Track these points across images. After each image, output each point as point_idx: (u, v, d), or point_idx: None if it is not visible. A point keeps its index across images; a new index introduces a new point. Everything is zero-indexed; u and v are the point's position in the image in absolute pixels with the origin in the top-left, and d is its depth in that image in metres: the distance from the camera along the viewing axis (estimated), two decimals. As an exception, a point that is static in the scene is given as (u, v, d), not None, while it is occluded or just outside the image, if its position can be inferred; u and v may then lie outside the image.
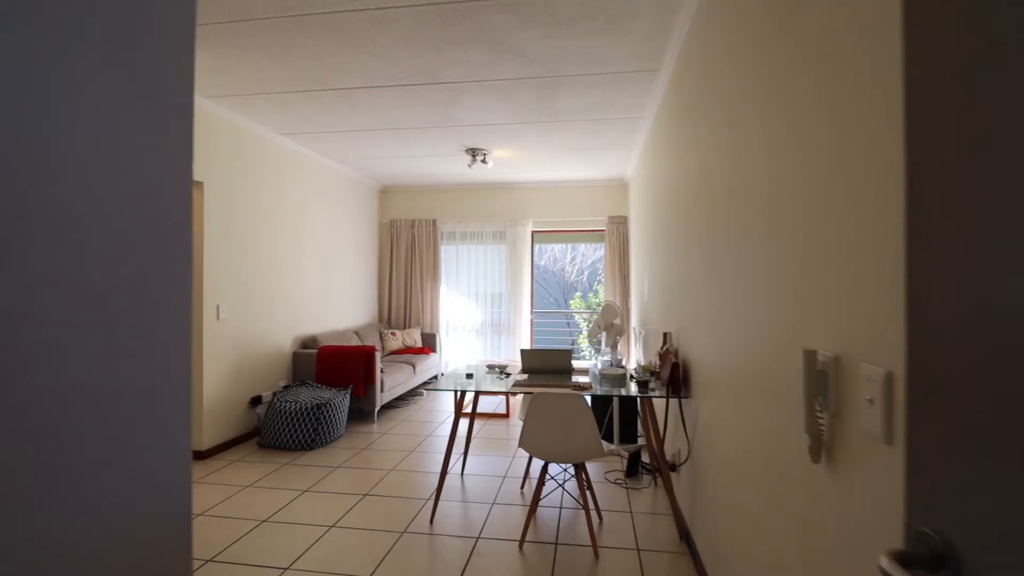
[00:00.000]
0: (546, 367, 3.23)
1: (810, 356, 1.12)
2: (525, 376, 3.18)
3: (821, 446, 1.12)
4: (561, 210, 6.70)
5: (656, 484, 3.36)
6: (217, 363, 4.04)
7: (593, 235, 6.86)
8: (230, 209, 4.17)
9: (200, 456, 3.90)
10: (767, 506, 1.47)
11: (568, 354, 3.24)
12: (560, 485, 3.30)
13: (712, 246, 2.07)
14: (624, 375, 3.03)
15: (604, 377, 3.00)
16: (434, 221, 6.90)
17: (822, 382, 1.10)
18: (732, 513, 1.83)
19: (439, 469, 3.66)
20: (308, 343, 5.12)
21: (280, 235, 4.84)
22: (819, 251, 1.13)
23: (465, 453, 3.66)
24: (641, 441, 4.12)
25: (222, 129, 4.06)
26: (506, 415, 5.11)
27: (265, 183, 4.62)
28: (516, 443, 4.25)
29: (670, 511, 2.92)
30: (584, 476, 2.62)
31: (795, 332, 1.27)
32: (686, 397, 2.61)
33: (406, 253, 6.96)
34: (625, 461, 3.77)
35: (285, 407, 4.15)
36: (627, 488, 3.32)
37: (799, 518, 1.24)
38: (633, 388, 2.84)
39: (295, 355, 5.00)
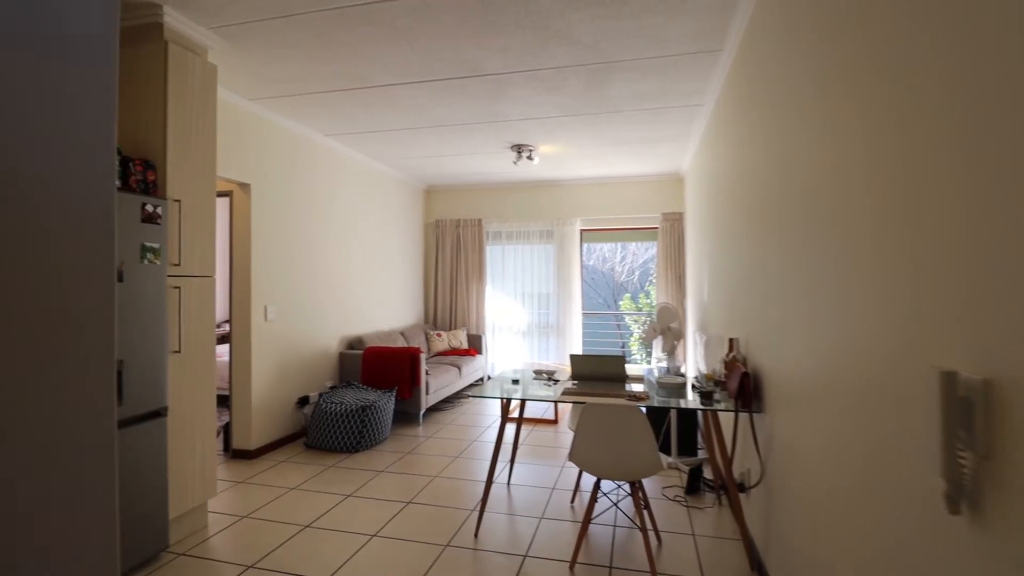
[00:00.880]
0: (597, 374, 3.01)
1: (949, 379, 0.87)
2: (574, 383, 2.97)
3: (962, 494, 0.88)
4: (611, 207, 6.43)
5: (721, 504, 3.07)
6: (265, 363, 4.05)
7: (645, 233, 6.55)
8: (278, 210, 4.18)
9: (248, 456, 3.92)
10: (874, 554, 1.22)
11: (621, 361, 3.01)
12: (614, 504, 3.07)
13: (795, 244, 1.80)
14: (684, 384, 2.77)
15: (662, 386, 2.76)
16: (479, 221, 6.78)
17: (965, 413, 0.85)
18: (822, 552, 1.57)
19: (484, 477, 3.52)
20: (354, 344, 5.11)
21: (326, 236, 4.84)
22: (958, 245, 0.88)
23: (511, 461, 3.49)
24: (702, 454, 3.83)
25: (268, 131, 4.08)
26: (554, 421, 4.91)
27: (312, 185, 4.62)
28: (565, 452, 4.05)
29: (738, 536, 2.64)
30: (641, 494, 2.39)
31: (916, 345, 1.01)
32: (758, 412, 2.33)
33: (451, 253, 6.88)
34: (685, 476, 3.49)
35: (331, 408, 4.12)
36: (688, 506, 3.05)
37: (926, 579, 0.99)
38: (693, 398, 2.58)
39: (341, 356, 4.99)
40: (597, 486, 2.43)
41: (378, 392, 4.53)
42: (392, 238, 6.14)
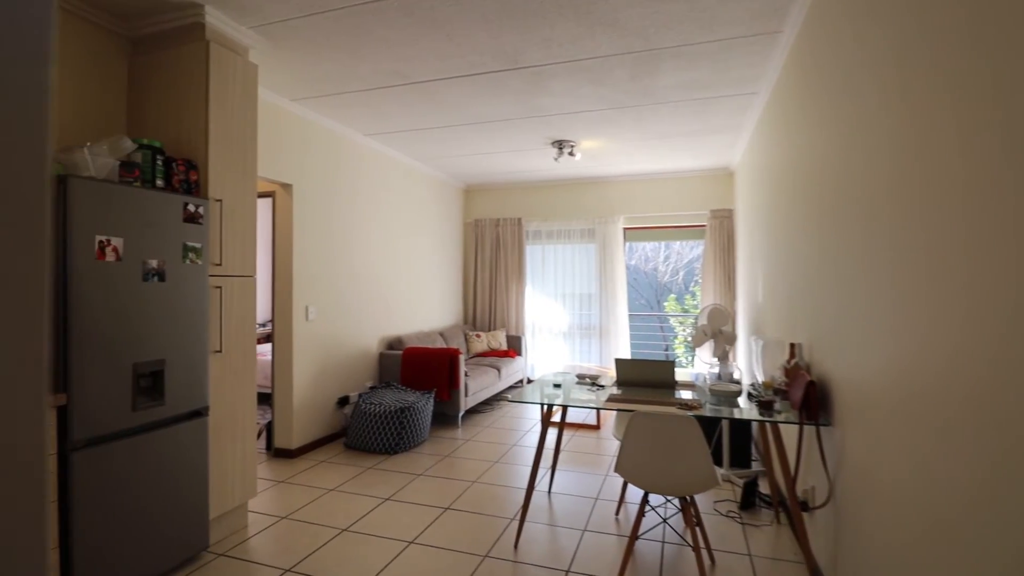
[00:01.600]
0: (645, 380, 2.84)
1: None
2: (619, 389, 2.81)
3: None
4: (656, 204, 6.19)
5: (779, 522, 2.85)
6: (306, 363, 4.07)
7: (692, 231, 6.27)
8: (319, 210, 4.20)
9: (290, 455, 3.94)
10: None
11: (671, 367, 2.83)
12: (663, 520, 2.89)
13: (877, 239, 1.60)
14: (739, 392, 2.57)
15: (715, 394, 2.56)
16: (519, 220, 6.68)
17: None
18: (910, 591, 1.37)
19: (524, 484, 3.40)
20: (394, 344, 5.09)
21: (367, 237, 4.84)
22: None
23: (553, 468, 3.36)
24: (756, 466, 3.59)
25: (309, 132, 4.09)
26: (596, 427, 4.74)
27: (352, 185, 4.63)
28: (608, 459, 3.88)
29: (801, 559, 2.42)
30: (693, 511, 2.21)
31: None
32: (825, 424, 2.12)
33: (491, 253, 6.80)
34: (738, 490, 3.27)
35: (370, 409, 4.10)
36: (742, 523, 2.84)
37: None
38: (750, 408, 2.38)
39: (381, 356, 4.98)
40: (645, 500, 2.27)
41: (417, 393, 4.49)
42: (431, 238, 6.11)
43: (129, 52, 2.73)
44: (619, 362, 2.90)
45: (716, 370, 3.25)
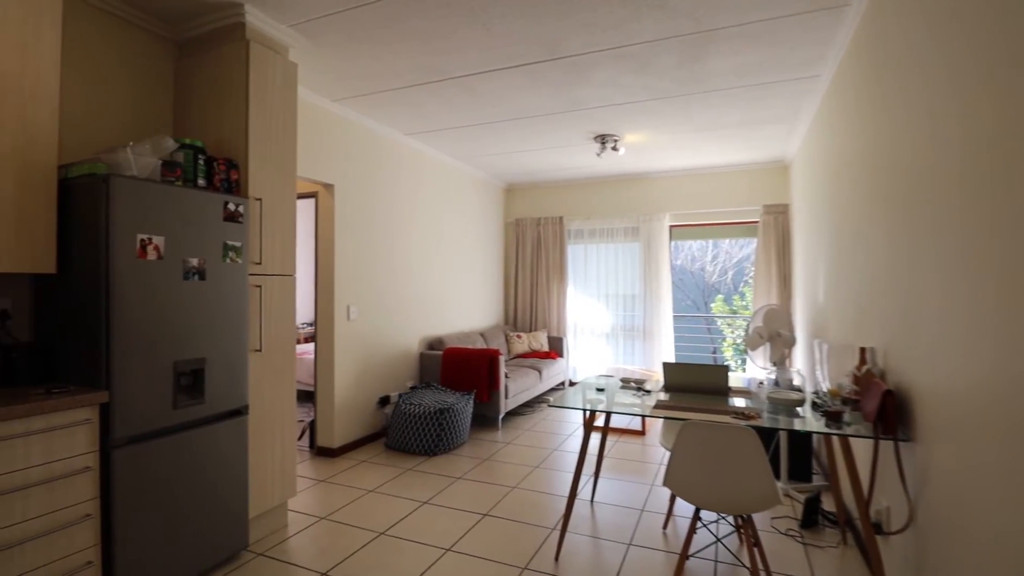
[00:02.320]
0: (695, 385, 2.65)
1: None
2: (667, 395, 2.64)
3: None
4: (704, 201, 5.91)
5: (846, 543, 2.60)
6: (348, 362, 4.07)
7: (742, 228, 5.96)
8: (360, 211, 4.20)
9: (331, 454, 3.95)
10: None
11: (724, 372, 2.63)
12: (717, 539, 2.69)
13: (978, 235, 1.39)
14: (801, 401, 2.35)
15: (774, 402, 2.36)
16: (560, 218, 6.53)
17: None
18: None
19: (565, 492, 3.27)
20: (434, 344, 5.06)
21: (408, 236, 4.83)
22: None
23: (596, 476, 3.21)
24: (817, 480, 3.32)
25: (350, 132, 4.10)
26: (641, 432, 4.55)
27: (393, 185, 4.62)
28: (653, 467, 3.70)
29: (874, 588, 2.18)
30: (751, 531, 2.02)
31: None
32: (905, 440, 1.89)
33: (532, 253, 6.69)
34: (799, 506, 3.02)
35: (410, 410, 4.07)
36: (804, 543, 2.61)
37: None
38: (812, 418, 2.16)
39: (421, 356, 4.95)
40: (697, 516, 2.09)
41: (457, 394, 4.43)
42: (472, 238, 6.05)
43: (175, 55, 2.77)
44: (667, 366, 2.73)
45: (772, 376, 3.02)
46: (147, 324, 2.04)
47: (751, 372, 5.04)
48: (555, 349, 6.30)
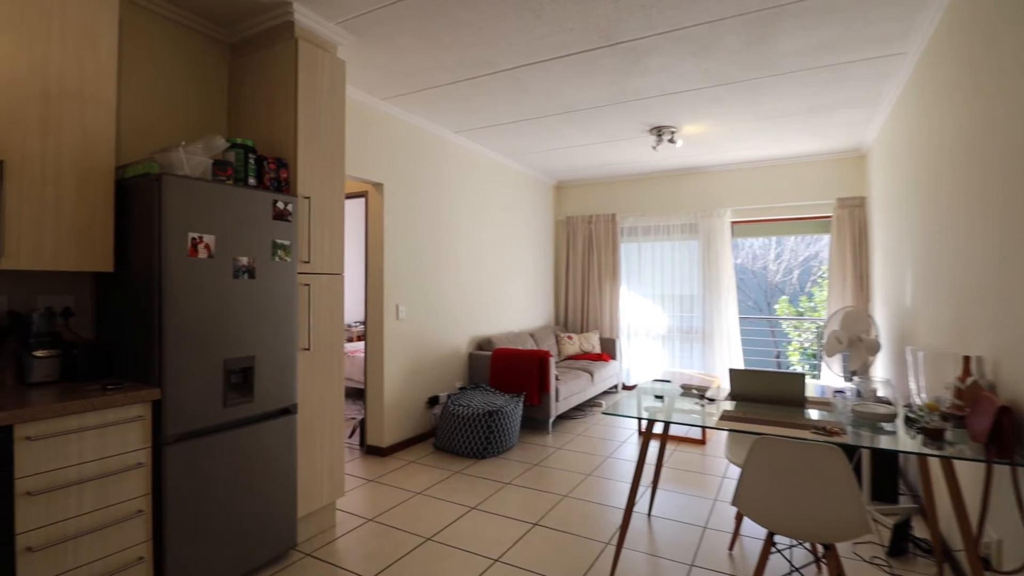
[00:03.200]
0: (766, 395, 2.41)
1: None
2: (733, 404, 2.42)
3: None
4: (768, 195, 5.54)
5: (945, 577, 2.29)
6: (397, 361, 4.06)
7: (812, 224, 5.53)
8: (409, 210, 4.18)
9: (381, 453, 3.95)
10: None
11: (800, 380, 2.38)
12: (794, 568, 2.44)
13: None
14: (892, 415, 2.08)
15: (859, 416, 2.10)
16: (613, 216, 6.31)
17: None
18: None
19: (620, 503, 3.09)
20: (483, 345, 4.98)
21: (456, 235, 4.78)
22: None
23: (653, 488, 3.01)
24: (904, 501, 2.98)
25: (398, 130, 4.08)
26: (702, 441, 4.28)
27: (441, 183, 4.58)
28: (714, 479, 3.45)
29: (984, 634, 1.89)
30: (834, 561, 1.79)
31: None
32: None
33: (583, 251, 6.50)
34: (885, 531, 2.71)
35: (458, 411, 4.00)
36: (892, 574, 2.32)
37: None
38: (908, 436, 1.90)
39: (470, 356, 4.89)
40: (771, 541, 1.88)
41: (506, 396, 4.33)
42: (521, 236, 5.94)
43: (229, 57, 2.82)
44: (734, 373, 2.50)
45: (852, 385, 2.72)
46: (198, 322, 2.05)
47: (825, 380, 4.66)
48: (607, 351, 6.09)
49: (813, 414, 2.23)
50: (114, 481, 1.80)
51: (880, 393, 2.63)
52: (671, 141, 4.41)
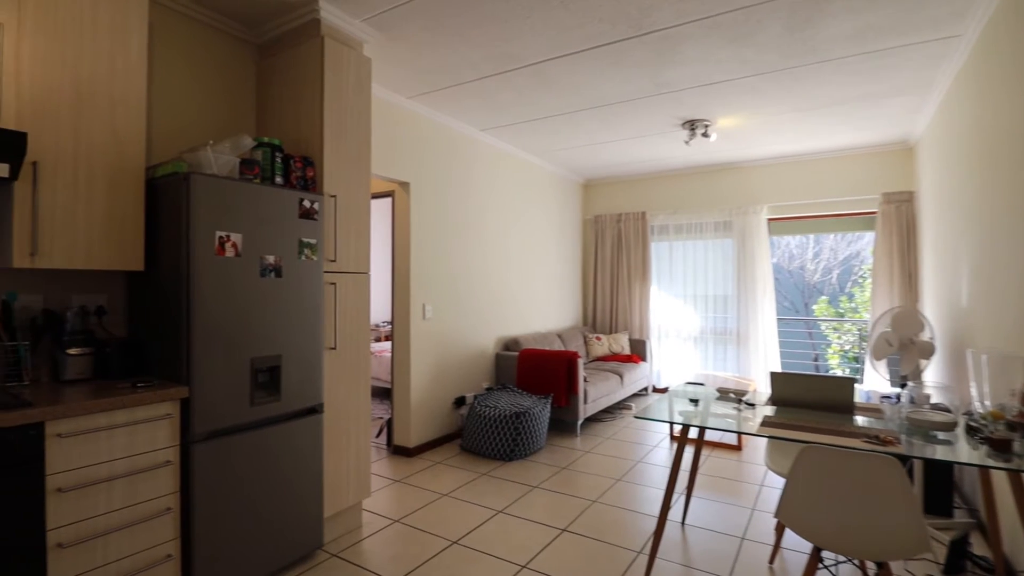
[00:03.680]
0: (810, 400, 2.28)
1: None
2: (774, 410, 2.29)
3: None
4: (807, 190, 5.31)
5: (1011, 601, 2.11)
6: (423, 361, 4.03)
7: (855, 220, 5.28)
8: (436, 209, 4.15)
9: (408, 453, 3.93)
10: None
11: (849, 385, 2.23)
12: None
13: None
14: (951, 424, 1.93)
15: (914, 423, 1.95)
16: (643, 214, 6.16)
17: None
18: None
19: (651, 510, 2.98)
20: (510, 345, 4.92)
21: (483, 235, 4.73)
22: None
23: (688, 495, 2.89)
24: (960, 515, 2.79)
25: (425, 129, 4.06)
26: (737, 447, 4.12)
27: (468, 182, 4.54)
28: (750, 487, 3.30)
29: (1059, 666, 1.72)
30: (888, 580, 1.66)
31: None
32: (1115, 481, 1.45)
33: (612, 251, 6.37)
34: (940, 547, 2.53)
35: (485, 412, 3.95)
36: (951, 595, 2.16)
37: None
38: (970, 446, 1.75)
39: (497, 357, 4.83)
40: (818, 556, 1.76)
41: (533, 398, 4.26)
42: (549, 236, 5.86)
43: (257, 58, 2.83)
44: (776, 376, 2.37)
45: (903, 391, 2.55)
46: (225, 321, 2.05)
47: (869, 384, 4.43)
48: (637, 352, 5.95)
49: (862, 421, 2.09)
50: (143, 479, 1.80)
51: (934, 399, 2.46)
52: (704, 135, 4.27)
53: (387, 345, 5.97)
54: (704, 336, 5.88)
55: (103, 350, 2.05)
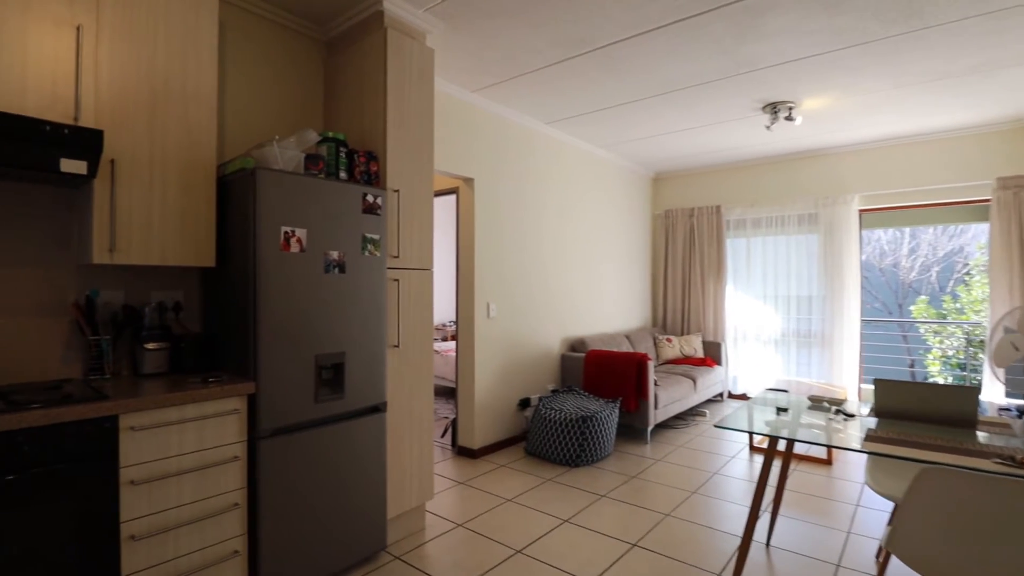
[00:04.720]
0: (923, 412, 1.97)
1: None
2: (877, 423, 2.00)
3: None
4: (906, 177, 4.77)
5: None
6: (487, 362, 3.96)
7: (963, 210, 4.69)
8: (500, 205, 4.07)
9: (471, 455, 3.86)
10: None
11: (973, 396, 1.91)
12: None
13: None
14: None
15: (1070, 443, 1.62)
16: (717, 208, 5.80)
17: None
18: None
19: (730, 527, 2.73)
20: (576, 346, 4.76)
21: (548, 231, 4.60)
22: None
23: (773, 514, 2.62)
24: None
25: (490, 124, 3.98)
26: (827, 461, 3.73)
27: (532, 177, 4.42)
28: (843, 506, 2.96)
29: None
30: (1043, 634, 1.37)
31: None
32: None
33: (683, 247, 6.04)
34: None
35: (550, 415, 3.81)
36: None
37: None
38: None
39: (563, 358, 4.68)
40: (945, 598, 1.49)
41: (601, 401, 4.07)
42: (616, 232, 5.64)
43: (325, 55, 2.86)
44: (881, 384, 2.07)
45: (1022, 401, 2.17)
46: (290, 316, 2.05)
47: (992, 395, 3.90)
48: (711, 355, 5.60)
49: (984, 438, 1.77)
50: (212, 473, 1.82)
51: (1088, 415, 2.07)
52: (788, 119, 3.91)
53: (453, 344, 5.97)
54: (786, 339, 5.44)
55: (178, 345, 2.10)
